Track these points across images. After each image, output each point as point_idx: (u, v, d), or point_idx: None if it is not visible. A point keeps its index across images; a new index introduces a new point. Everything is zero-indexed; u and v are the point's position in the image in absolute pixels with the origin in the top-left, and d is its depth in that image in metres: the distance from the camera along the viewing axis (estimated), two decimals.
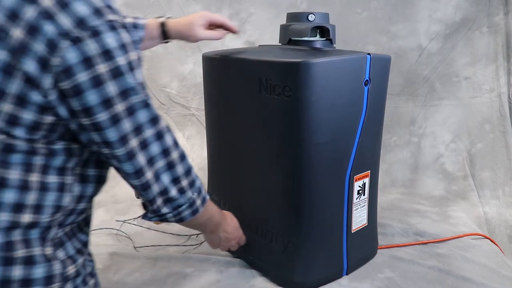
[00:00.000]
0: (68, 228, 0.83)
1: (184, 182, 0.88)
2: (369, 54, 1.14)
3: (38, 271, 0.73)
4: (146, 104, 0.77)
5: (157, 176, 0.83)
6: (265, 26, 2.09)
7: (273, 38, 1.44)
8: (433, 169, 2.00)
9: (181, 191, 0.88)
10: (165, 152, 0.83)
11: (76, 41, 0.65)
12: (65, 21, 0.65)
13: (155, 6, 2.11)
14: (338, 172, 1.15)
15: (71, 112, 0.71)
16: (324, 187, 1.13)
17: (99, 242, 1.48)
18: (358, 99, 1.12)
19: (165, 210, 0.88)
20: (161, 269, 1.31)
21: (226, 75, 1.25)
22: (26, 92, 0.68)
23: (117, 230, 1.56)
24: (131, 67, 0.73)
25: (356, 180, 1.22)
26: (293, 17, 1.30)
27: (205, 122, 1.41)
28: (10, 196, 0.71)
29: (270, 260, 1.21)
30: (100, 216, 1.68)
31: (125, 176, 0.82)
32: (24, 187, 0.72)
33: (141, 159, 0.79)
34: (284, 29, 1.30)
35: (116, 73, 0.70)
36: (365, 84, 1.15)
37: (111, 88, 0.71)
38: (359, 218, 1.26)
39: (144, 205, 0.92)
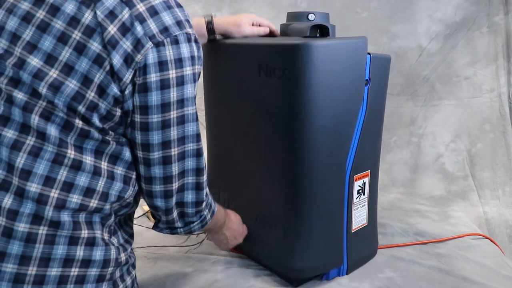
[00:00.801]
0: (121, 218, 0.89)
1: (203, 205, 0.94)
2: (369, 54, 1.14)
3: (98, 253, 0.80)
4: (196, 118, 0.84)
5: (182, 189, 0.88)
6: None
7: None
8: (433, 169, 2.00)
9: (198, 211, 0.94)
10: (198, 172, 0.88)
11: (158, 44, 0.75)
12: (153, 26, 0.75)
13: None
14: (339, 159, 1.13)
15: (133, 107, 0.78)
16: (325, 173, 1.11)
17: None
18: (358, 82, 1.11)
19: (178, 224, 0.93)
20: (161, 269, 1.31)
21: (225, 60, 1.24)
22: (108, 83, 0.74)
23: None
24: (194, 78, 0.80)
25: (356, 180, 1.22)
26: (293, 16, 1.30)
27: (204, 110, 1.39)
28: (83, 179, 0.77)
29: (270, 247, 1.21)
30: None
31: (148, 180, 0.84)
32: (96, 172, 0.79)
33: (174, 168, 0.84)
34: (284, 28, 1.30)
35: (181, 81, 0.78)
36: (365, 84, 1.15)
37: (173, 94, 0.78)
38: (359, 218, 1.26)
39: (154, 216, 0.95)
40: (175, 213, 0.91)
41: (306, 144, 1.06)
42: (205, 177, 0.90)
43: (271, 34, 1.28)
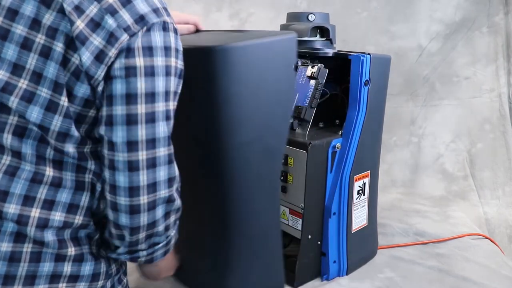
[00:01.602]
0: None
1: (172, 218, 0.78)
2: (369, 54, 1.14)
3: (87, 268, 0.75)
4: (168, 117, 0.72)
5: (153, 205, 0.72)
6: (265, 26, 2.09)
7: None
8: (433, 169, 2.00)
9: (167, 228, 0.78)
10: (170, 182, 0.74)
11: (132, 35, 0.67)
12: (127, 16, 0.67)
13: None
14: (269, 176, 0.97)
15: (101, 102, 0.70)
16: (253, 195, 0.95)
17: None
18: (287, 87, 0.94)
19: (142, 246, 0.77)
20: None
21: None
22: (73, 84, 0.68)
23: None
24: (168, 72, 0.70)
25: (356, 180, 1.22)
26: (293, 17, 1.30)
27: None
28: (64, 196, 0.72)
29: (203, 279, 1.07)
30: None
31: (113, 189, 0.71)
32: (78, 187, 0.73)
33: (143, 177, 0.70)
34: (284, 28, 1.30)
35: (150, 72, 0.68)
36: (365, 84, 1.15)
37: (140, 84, 0.68)
38: (359, 218, 1.26)
39: (108, 241, 0.79)
40: (142, 234, 0.74)
41: (227, 162, 0.90)
42: (175, 186, 0.76)
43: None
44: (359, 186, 1.23)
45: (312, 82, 1.13)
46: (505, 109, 1.95)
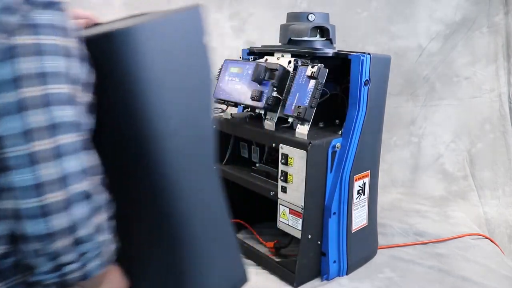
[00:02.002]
0: None
1: (98, 219, 0.64)
2: (369, 54, 1.14)
3: None
4: (70, 101, 0.61)
5: (67, 204, 0.59)
6: (265, 26, 2.09)
7: (273, 38, 1.44)
8: (433, 169, 2.00)
9: (95, 231, 0.63)
10: (84, 174, 0.62)
11: (14, 13, 0.58)
12: None
13: (155, 6, 2.10)
14: (205, 162, 0.87)
15: None
16: (191, 185, 0.84)
17: None
18: (201, 65, 0.86)
19: (69, 257, 0.62)
20: None
21: None
22: None
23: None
24: (57, 50, 0.61)
25: (356, 180, 1.22)
26: (293, 17, 1.30)
27: None
28: None
29: None
30: None
31: (11, 194, 0.58)
32: None
33: (48, 171, 0.58)
34: (284, 29, 1.30)
35: (37, 50, 0.59)
36: (365, 84, 1.15)
37: (25, 65, 0.58)
38: (359, 218, 1.26)
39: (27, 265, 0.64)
40: (61, 242, 0.60)
41: (157, 157, 0.78)
42: (96, 180, 0.65)
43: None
44: (359, 186, 1.23)
45: (312, 82, 1.13)
46: (505, 109, 1.95)
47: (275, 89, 1.20)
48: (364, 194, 1.26)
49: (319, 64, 1.13)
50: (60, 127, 0.59)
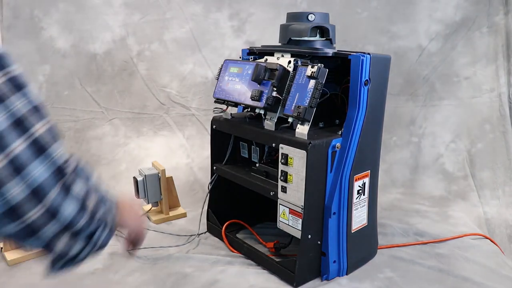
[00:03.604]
0: None
1: (92, 201, 0.62)
2: (369, 54, 1.14)
3: None
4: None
5: (52, 213, 0.55)
6: (265, 26, 2.09)
7: (273, 38, 1.44)
8: (433, 169, 2.00)
9: (92, 210, 0.62)
10: (58, 170, 0.56)
11: None
12: None
13: (155, 6, 2.11)
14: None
15: None
16: None
17: None
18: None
19: (77, 248, 0.62)
20: (161, 269, 1.31)
21: None
22: None
23: (117, 230, 1.55)
24: None
25: (356, 180, 1.22)
26: (293, 17, 1.30)
27: None
28: None
29: None
30: None
31: None
32: None
33: (15, 190, 0.51)
34: (284, 29, 1.30)
35: None
36: (365, 84, 1.15)
37: None
38: (359, 218, 1.26)
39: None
40: (65, 240, 0.60)
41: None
42: (73, 163, 0.60)
43: None
44: (359, 186, 1.23)
45: (312, 82, 1.13)
46: (505, 109, 1.95)
47: (275, 89, 1.20)
48: (364, 194, 1.26)
49: (319, 64, 1.13)
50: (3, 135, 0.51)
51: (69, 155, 0.60)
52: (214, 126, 1.43)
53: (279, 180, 1.20)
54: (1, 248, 1.39)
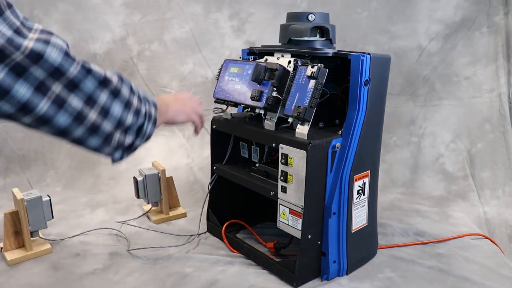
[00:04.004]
0: None
1: (135, 101, 0.77)
2: (369, 54, 1.14)
3: None
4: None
5: (105, 112, 0.71)
6: (265, 26, 2.09)
7: (273, 38, 1.44)
8: (433, 169, 2.00)
9: (137, 112, 0.77)
10: (104, 83, 0.71)
11: None
12: None
13: (155, 6, 2.11)
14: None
15: None
16: None
17: (99, 242, 1.48)
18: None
19: (128, 140, 0.78)
20: (161, 269, 1.31)
21: None
22: None
23: (117, 230, 1.56)
24: None
25: (356, 180, 1.22)
26: (293, 17, 1.30)
27: None
28: None
29: None
30: (100, 216, 1.68)
31: (56, 134, 0.67)
32: None
33: (74, 102, 0.65)
34: (284, 29, 1.30)
35: None
36: (365, 84, 1.15)
37: None
38: (359, 218, 1.26)
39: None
40: (117, 135, 0.75)
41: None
42: (114, 79, 0.74)
43: None
44: (359, 186, 1.23)
45: (312, 82, 1.13)
46: (505, 109, 1.95)
47: (275, 89, 1.20)
48: (364, 194, 1.26)
49: (319, 64, 1.13)
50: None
51: (110, 71, 0.74)
52: (214, 126, 1.43)
53: (279, 180, 1.20)
54: (1, 248, 1.39)
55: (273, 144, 1.21)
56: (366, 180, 1.25)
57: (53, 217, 1.43)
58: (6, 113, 0.60)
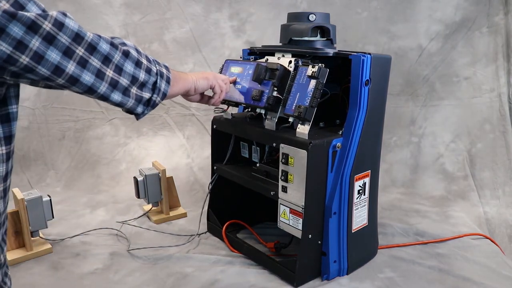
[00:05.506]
0: None
1: (144, 61, 0.89)
2: (369, 54, 1.14)
3: None
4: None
5: (119, 69, 0.82)
6: (265, 26, 2.09)
7: (273, 38, 1.44)
8: (433, 169, 2.00)
9: (148, 70, 0.89)
10: (114, 45, 0.81)
11: None
12: None
13: (155, 6, 2.11)
14: None
15: None
16: None
17: (100, 242, 1.48)
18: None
19: (145, 95, 0.89)
20: (161, 269, 1.31)
21: None
22: None
23: (117, 230, 1.56)
24: None
25: (356, 180, 1.22)
26: (294, 17, 1.30)
27: None
28: None
29: None
30: (100, 216, 1.68)
31: (81, 91, 0.76)
32: None
33: (92, 66, 0.76)
34: (284, 29, 1.30)
35: None
36: (365, 84, 1.15)
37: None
38: (359, 218, 1.26)
39: (128, 111, 0.91)
40: (133, 90, 0.85)
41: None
42: (118, 41, 0.86)
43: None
44: (359, 186, 1.23)
45: (313, 81, 1.13)
46: (505, 109, 1.95)
47: (275, 89, 1.20)
48: (364, 194, 1.26)
49: (320, 64, 1.13)
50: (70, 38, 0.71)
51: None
52: (214, 126, 1.43)
53: (279, 180, 1.21)
54: None
55: (274, 144, 1.21)
56: (367, 180, 1.25)
57: (53, 217, 1.43)
58: (44, 75, 0.69)
